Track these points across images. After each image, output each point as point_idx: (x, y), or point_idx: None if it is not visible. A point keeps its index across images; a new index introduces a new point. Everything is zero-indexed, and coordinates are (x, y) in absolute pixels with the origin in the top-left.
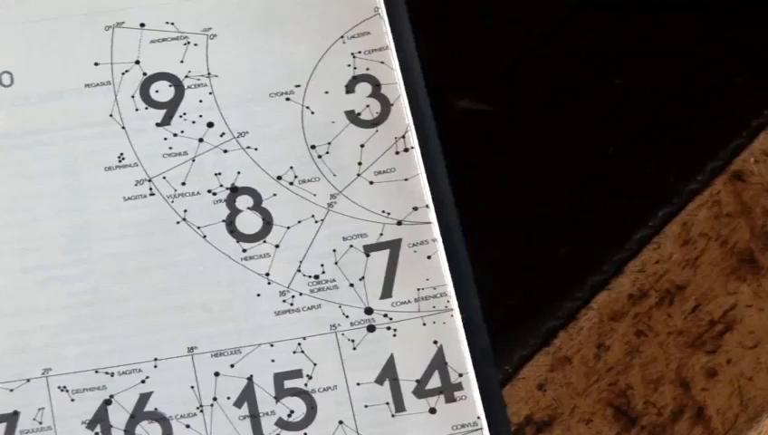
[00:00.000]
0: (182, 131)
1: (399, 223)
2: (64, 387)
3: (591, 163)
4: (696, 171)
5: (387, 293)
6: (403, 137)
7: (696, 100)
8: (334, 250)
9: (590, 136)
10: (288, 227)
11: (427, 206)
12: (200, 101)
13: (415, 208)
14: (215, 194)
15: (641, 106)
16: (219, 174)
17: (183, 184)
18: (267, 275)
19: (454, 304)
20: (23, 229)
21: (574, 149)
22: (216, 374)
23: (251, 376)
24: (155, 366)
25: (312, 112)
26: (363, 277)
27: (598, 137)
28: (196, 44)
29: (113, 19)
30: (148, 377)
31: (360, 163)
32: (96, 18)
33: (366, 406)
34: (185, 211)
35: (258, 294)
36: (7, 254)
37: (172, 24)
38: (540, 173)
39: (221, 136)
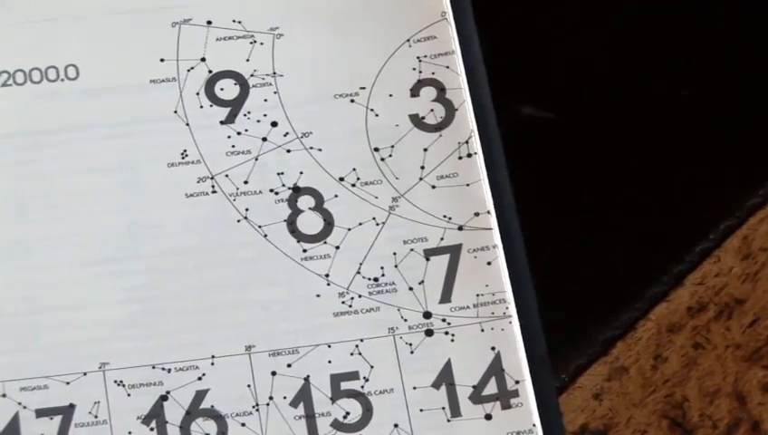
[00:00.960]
0: (246, 130)
1: (460, 228)
2: (121, 382)
3: (654, 174)
4: (758, 186)
5: (446, 297)
6: (466, 142)
7: (760, 115)
8: (394, 253)
9: (654, 146)
10: (349, 229)
11: (488, 212)
12: (265, 101)
13: (476, 214)
14: (277, 193)
15: (706, 117)
16: (282, 174)
17: (245, 183)
18: (327, 276)
19: (512, 310)
20: (82, 223)
21: (637, 159)
22: (273, 373)
23: (308, 376)
24: (212, 364)
25: (377, 115)
26: (423, 281)
27: (661, 147)
28: (262, 43)
29: (180, 15)
30: (204, 374)
31: (422, 167)
32: (163, 14)
33: (422, 410)
34: (246, 210)
35: (317, 295)
36: (66, 247)
37: (239, 22)
38: (602, 182)
39: (285, 136)
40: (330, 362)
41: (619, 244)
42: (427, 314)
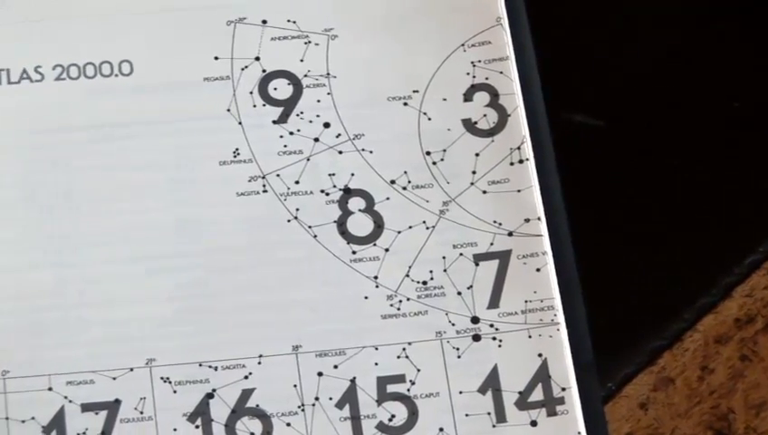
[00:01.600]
0: (298, 130)
1: (510, 234)
2: (167, 378)
3: (704, 184)
4: None
5: (494, 303)
6: (518, 148)
7: None
8: (444, 257)
9: (705, 157)
10: (399, 232)
11: (538, 218)
12: (318, 101)
13: (527, 220)
14: (327, 194)
15: (757, 129)
16: (333, 175)
17: (296, 183)
18: (376, 278)
19: (560, 317)
20: (133, 218)
21: (687, 169)
22: (320, 374)
23: (354, 378)
24: (259, 363)
25: (429, 119)
26: (471, 286)
27: (712, 158)
28: (317, 44)
29: (235, 14)
30: (251, 373)
31: (474, 172)
32: (218, 12)
33: (467, 415)
34: (297, 210)
35: (366, 297)
36: (117, 243)
37: (294, 22)
38: (652, 192)
39: (337, 137)
40: (376, 364)
41: (669, 254)
42: (475, 319)
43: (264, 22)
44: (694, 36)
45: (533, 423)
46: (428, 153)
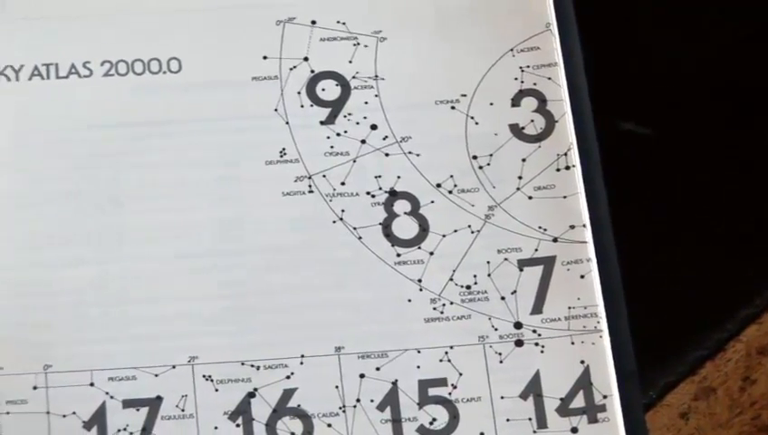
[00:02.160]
0: (345, 131)
1: (555, 240)
2: (209, 376)
3: (749, 195)
4: None
5: (537, 309)
6: (565, 154)
7: None
8: (488, 262)
9: (750, 167)
10: (444, 236)
11: (584, 225)
12: (365, 103)
13: (572, 227)
14: (373, 196)
15: None
16: (379, 177)
17: (342, 184)
18: (419, 281)
19: (603, 325)
20: (178, 216)
21: (733, 180)
22: (362, 376)
23: (396, 381)
24: (301, 363)
25: (477, 123)
26: (515, 291)
27: (757, 169)
28: (366, 46)
29: (285, 14)
30: (293, 373)
31: (520, 177)
32: (267, 11)
33: (508, 420)
34: (342, 211)
35: (409, 300)
36: (162, 239)
37: (343, 23)
38: (697, 201)
39: (383, 139)
40: (418, 367)
41: (713, 263)
42: (518, 325)
43: (314, 22)
44: (747, 46)
45: (574, 430)
46: (475, 157)
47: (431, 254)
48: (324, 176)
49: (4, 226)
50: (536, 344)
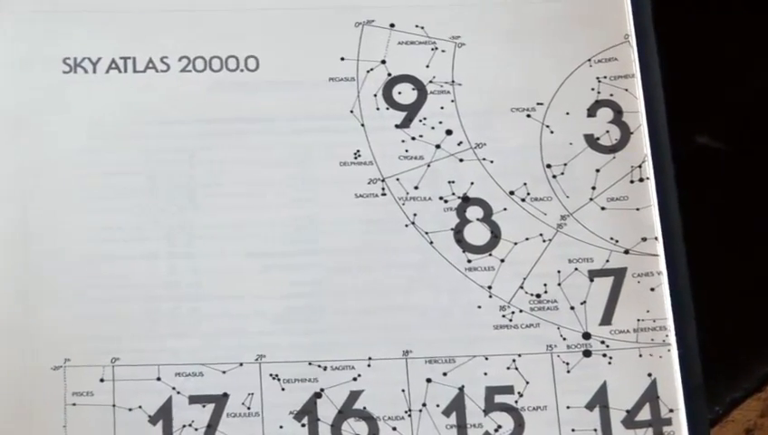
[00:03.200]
0: (420, 136)
1: (626, 252)
2: (276, 375)
3: None
4: None
5: (606, 320)
6: (639, 166)
7: None
8: (558, 271)
9: None
10: (515, 243)
11: (656, 238)
12: (441, 108)
13: (643, 239)
14: (446, 201)
15: None
16: (453, 182)
17: (416, 188)
18: (490, 288)
19: (672, 338)
20: (251, 214)
21: None
22: (428, 381)
23: (462, 386)
24: (368, 365)
25: (552, 132)
26: (585, 302)
27: None
28: (443, 51)
29: (364, 16)
30: (360, 375)
31: (593, 188)
32: (347, 13)
33: (573, 430)
34: (414, 215)
35: (479, 306)
36: (233, 237)
37: (422, 27)
38: None
39: (458, 145)
40: (485, 374)
41: None
42: (587, 335)
43: (392, 25)
44: None
45: None
46: (549, 166)
47: (502, 261)
48: (398, 179)
49: (76, 218)
50: (604, 355)
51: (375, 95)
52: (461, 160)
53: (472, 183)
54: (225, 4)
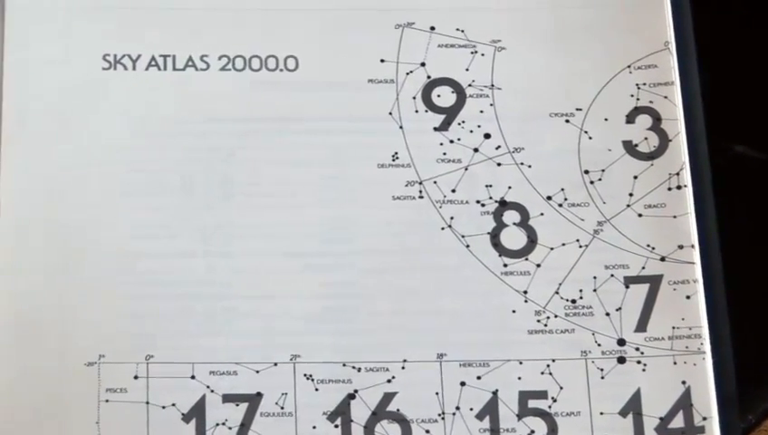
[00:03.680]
0: (459, 139)
1: (663, 259)
2: (310, 376)
3: None
4: None
5: (641, 327)
6: (677, 174)
7: None
8: (594, 277)
9: None
10: (551, 248)
11: (692, 246)
12: (480, 112)
13: (680, 247)
14: (483, 205)
15: None
16: (490, 186)
17: (453, 191)
18: (525, 292)
19: (707, 346)
20: (287, 214)
21: None
22: (462, 384)
23: (496, 390)
24: (402, 367)
25: (590, 138)
26: (620, 308)
27: None
28: (483, 54)
29: (404, 18)
30: (394, 377)
31: (631, 194)
32: (387, 15)
33: None
34: (451, 218)
35: (513, 311)
36: (270, 236)
37: (462, 31)
38: None
39: (496, 149)
40: (519, 378)
41: None
42: (622, 342)
43: (433, 28)
44: None
45: None
46: (587, 172)
47: (538, 266)
48: (435, 182)
49: (114, 215)
50: (638, 362)
51: (414, 98)
52: (499, 164)
53: (509, 187)
54: (266, 4)
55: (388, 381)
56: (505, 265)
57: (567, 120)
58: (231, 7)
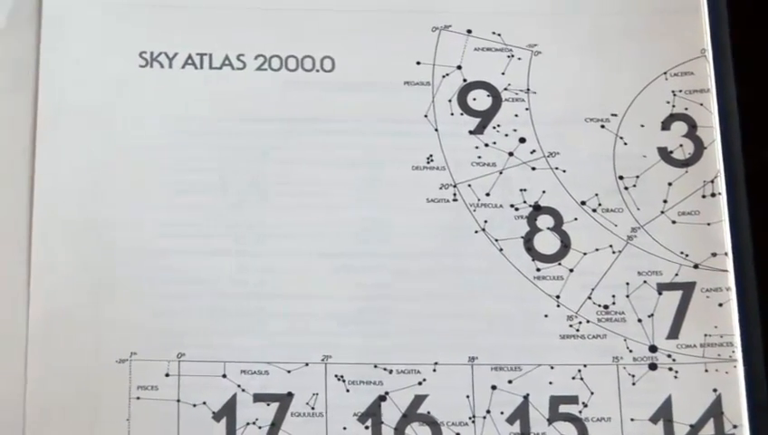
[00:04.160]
0: (494, 142)
1: (696, 266)
2: (341, 376)
3: None
4: None
5: (674, 334)
6: (712, 181)
7: None
8: (627, 283)
9: None
10: (585, 253)
11: (726, 253)
12: (516, 116)
13: (713, 254)
14: (517, 209)
15: None
16: (524, 190)
17: (487, 195)
18: (558, 297)
19: (738, 354)
20: (321, 214)
21: None
22: (493, 388)
23: (527, 395)
24: (434, 370)
25: (625, 143)
26: (652, 314)
27: None
28: (519, 58)
29: (441, 21)
30: (425, 379)
31: (665, 201)
32: (424, 17)
33: None
34: (485, 222)
35: (546, 315)
36: (303, 236)
37: (498, 35)
38: None
39: (531, 153)
40: (551, 383)
41: None
42: (653, 348)
43: (469, 31)
44: None
45: None
46: (621, 178)
47: (571, 271)
48: (469, 185)
49: (147, 212)
50: (670, 369)
51: (450, 100)
52: (533, 169)
53: (543, 192)
54: (303, 4)
55: (420, 383)
56: (538, 270)
57: (602, 126)
58: (268, 7)
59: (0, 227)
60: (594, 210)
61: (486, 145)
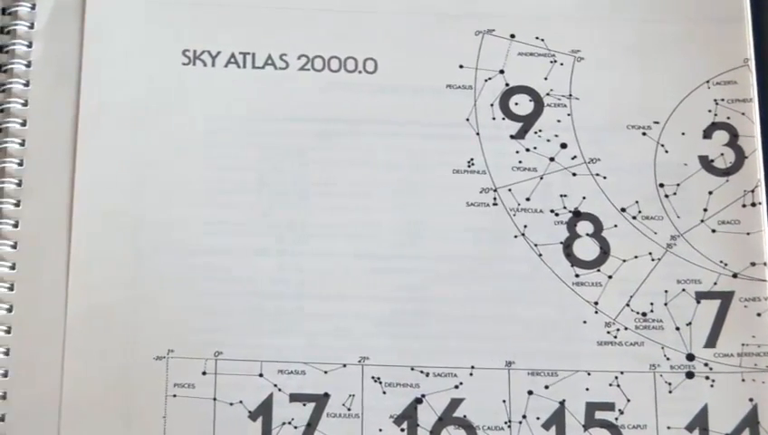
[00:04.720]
0: (535, 147)
1: (735, 275)
2: (378, 378)
3: None
4: None
5: (711, 342)
6: (752, 191)
7: None
8: (666, 291)
9: None
10: (624, 260)
11: (765, 263)
12: (558, 121)
13: (752, 264)
14: (557, 215)
15: None
16: (565, 196)
17: (527, 199)
18: (596, 304)
19: None
20: (361, 215)
21: None
22: (530, 393)
23: (563, 401)
24: (471, 374)
25: (666, 151)
26: (690, 323)
27: None
28: (562, 64)
29: (484, 25)
30: (462, 383)
31: (705, 209)
32: (467, 21)
33: None
34: (524, 226)
35: (584, 322)
36: (342, 237)
37: (542, 40)
38: None
39: (572, 159)
40: (587, 389)
41: None
42: (690, 357)
43: (512, 36)
44: None
45: None
46: (662, 185)
47: (610, 277)
48: (510, 190)
49: (188, 210)
50: (707, 378)
51: (492, 105)
52: (574, 175)
53: (584, 198)
54: (347, 6)
55: (456, 387)
56: (577, 276)
57: (644, 133)
58: (312, 7)
59: (41, 223)
60: (634, 217)
61: (527, 150)
